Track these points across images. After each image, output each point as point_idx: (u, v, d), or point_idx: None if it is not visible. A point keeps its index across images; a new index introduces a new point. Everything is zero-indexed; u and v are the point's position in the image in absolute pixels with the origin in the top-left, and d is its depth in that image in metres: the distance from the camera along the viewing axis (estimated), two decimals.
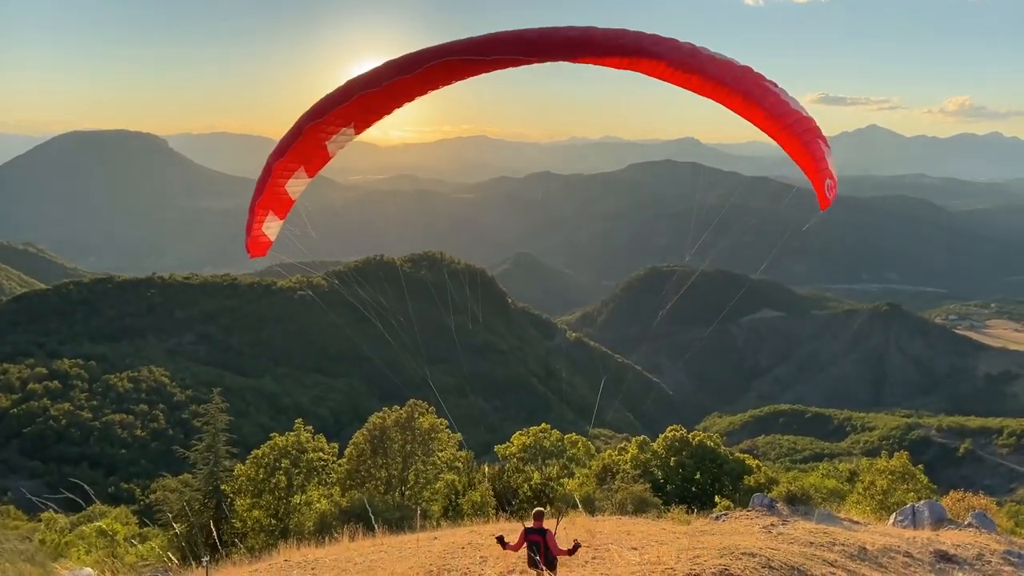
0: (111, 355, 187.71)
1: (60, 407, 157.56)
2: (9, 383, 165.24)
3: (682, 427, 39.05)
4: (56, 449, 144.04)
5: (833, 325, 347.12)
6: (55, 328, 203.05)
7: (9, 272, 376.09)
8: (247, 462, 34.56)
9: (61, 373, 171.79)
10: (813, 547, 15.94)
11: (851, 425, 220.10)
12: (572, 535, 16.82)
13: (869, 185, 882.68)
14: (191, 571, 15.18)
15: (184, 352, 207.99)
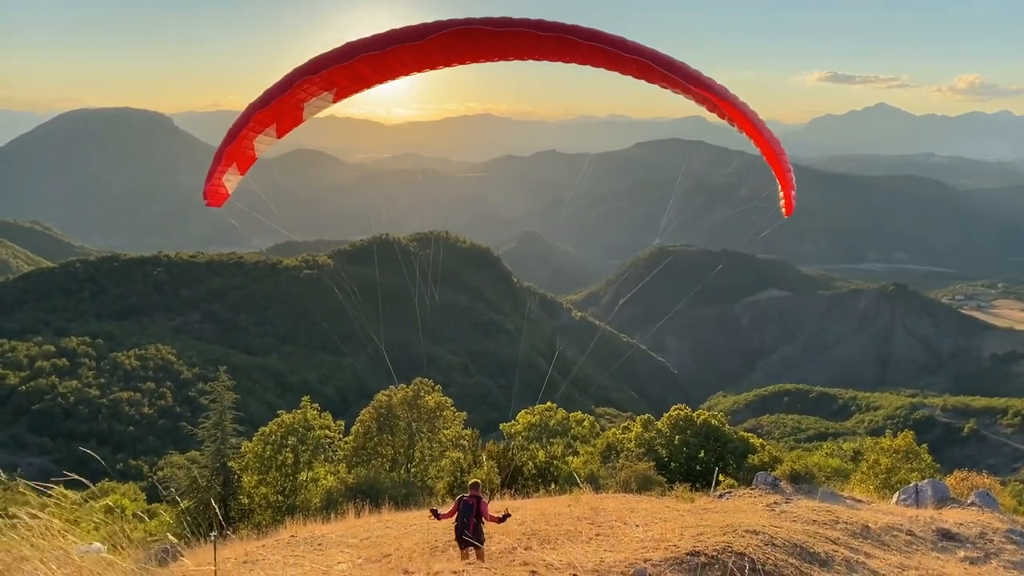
0: (118, 333, 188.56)
1: (68, 384, 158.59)
2: (17, 360, 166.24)
3: (686, 406, 39.18)
4: (64, 426, 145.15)
5: (839, 305, 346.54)
6: (62, 306, 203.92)
7: (16, 250, 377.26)
8: (254, 439, 34.82)
9: (69, 351, 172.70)
10: (816, 525, 16.01)
11: (856, 405, 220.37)
12: (577, 513, 16.95)
13: (877, 164, 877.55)
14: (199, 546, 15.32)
15: (190, 330, 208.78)
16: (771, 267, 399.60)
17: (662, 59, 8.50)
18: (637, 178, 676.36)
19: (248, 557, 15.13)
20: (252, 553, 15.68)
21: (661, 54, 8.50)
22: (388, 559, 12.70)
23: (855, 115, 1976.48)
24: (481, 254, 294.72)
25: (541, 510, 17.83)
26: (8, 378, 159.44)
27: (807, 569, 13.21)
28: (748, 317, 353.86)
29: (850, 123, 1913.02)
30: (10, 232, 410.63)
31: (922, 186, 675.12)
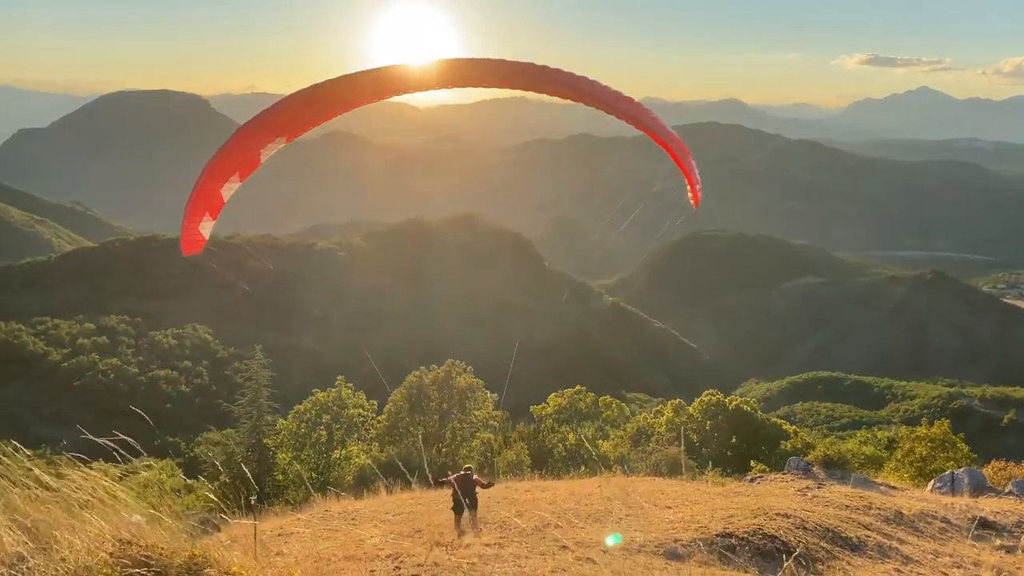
0: (156, 312, 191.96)
1: (108, 362, 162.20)
2: (60, 338, 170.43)
3: (719, 392, 38.99)
4: (104, 402, 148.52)
5: (875, 292, 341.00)
6: (103, 285, 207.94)
7: (58, 230, 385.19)
8: (289, 417, 35.37)
9: (109, 329, 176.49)
10: (848, 510, 15.91)
11: (891, 393, 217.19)
12: (607, 494, 17.01)
13: (918, 149, 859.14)
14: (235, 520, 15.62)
15: (226, 310, 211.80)
16: (806, 253, 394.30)
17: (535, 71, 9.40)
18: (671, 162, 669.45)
19: (283, 530, 15.43)
20: (287, 526, 15.99)
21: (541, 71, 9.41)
22: (420, 534, 12.88)
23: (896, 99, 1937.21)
24: (513, 238, 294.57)
25: (572, 490, 17.92)
26: (51, 355, 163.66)
27: (839, 553, 13.16)
28: (782, 303, 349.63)
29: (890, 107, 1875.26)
30: (52, 212, 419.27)
31: (964, 171, 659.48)
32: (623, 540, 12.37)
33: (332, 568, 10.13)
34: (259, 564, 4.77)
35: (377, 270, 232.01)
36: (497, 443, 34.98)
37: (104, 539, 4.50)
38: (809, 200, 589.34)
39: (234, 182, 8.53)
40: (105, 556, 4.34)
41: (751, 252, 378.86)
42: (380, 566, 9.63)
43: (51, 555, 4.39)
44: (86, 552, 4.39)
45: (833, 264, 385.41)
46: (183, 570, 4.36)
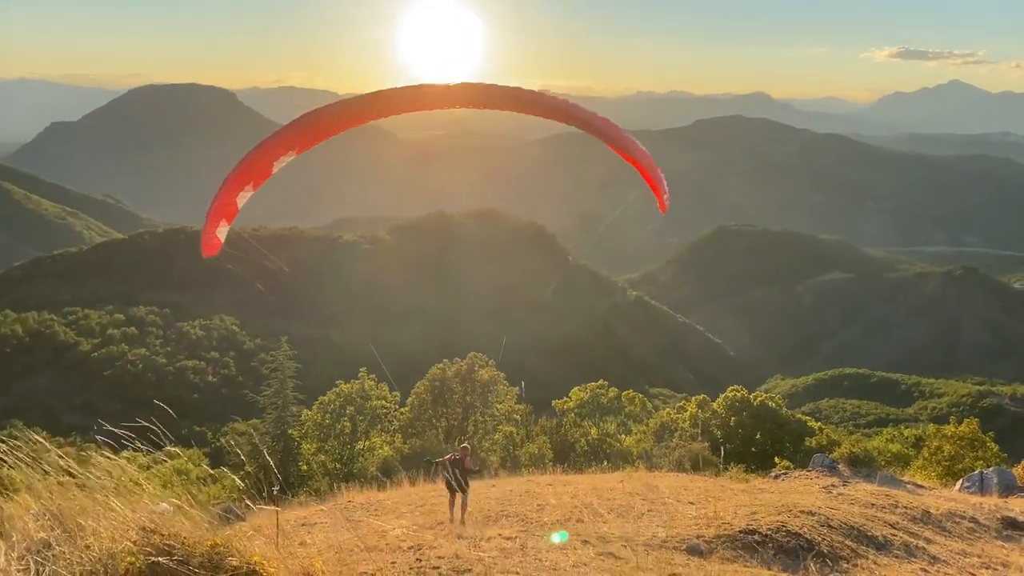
0: (184, 303, 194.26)
1: (137, 352, 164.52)
2: (90, 328, 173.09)
3: (743, 388, 38.70)
4: (133, 392, 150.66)
5: (904, 288, 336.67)
6: (132, 276, 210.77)
7: (89, 222, 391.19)
8: (314, 408, 35.66)
9: (137, 319, 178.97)
10: (874, 508, 15.74)
11: (919, 391, 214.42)
12: (629, 489, 16.97)
13: (949, 143, 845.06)
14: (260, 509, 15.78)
15: (253, 302, 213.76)
16: (833, 248, 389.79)
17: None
18: (698, 156, 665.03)
19: (307, 520, 15.56)
20: (311, 516, 16.13)
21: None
22: (442, 526, 12.93)
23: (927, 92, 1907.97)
24: (536, 232, 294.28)
25: (594, 485, 17.90)
26: (81, 345, 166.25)
27: (864, 551, 13.02)
28: (808, 299, 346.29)
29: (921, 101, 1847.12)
30: (83, 204, 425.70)
31: (996, 166, 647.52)
32: (646, 535, 12.32)
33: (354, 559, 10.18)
34: (281, 554, 4.81)
35: (401, 264, 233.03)
36: (519, 436, 35.01)
37: (128, 527, 4.56)
38: (837, 195, 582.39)
39: (248, 191, 9.71)
40: (129, 544, 4.39)
41: (777, 247, 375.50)
42: (401, 558, 9.67)
43: (76, 542, 4.45)
44: (110, 540, 4.45)
45: (861, 259, 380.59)
46: (205, 559, 4.40)
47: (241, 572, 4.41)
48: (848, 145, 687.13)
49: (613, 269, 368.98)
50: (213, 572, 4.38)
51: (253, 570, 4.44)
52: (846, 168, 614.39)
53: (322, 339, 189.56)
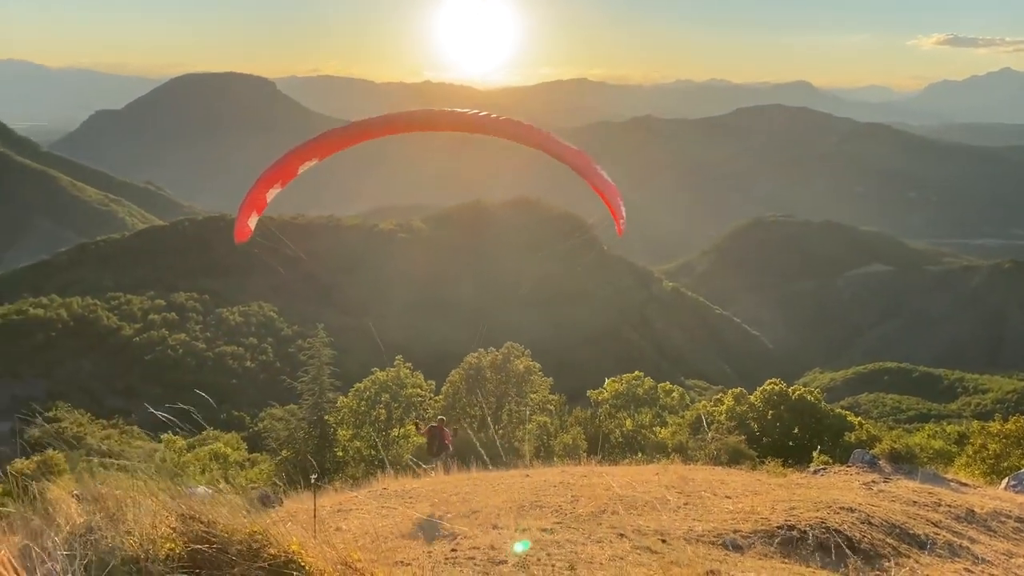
0: (223, 290, 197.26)
1: (177, 337, 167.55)
2: (132, 313, 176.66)
3: (781, 381, 38.20)
4: (173, 376, 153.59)
5: (948, 282, 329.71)
6: (172, 263, 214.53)
7: (132, 209, 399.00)
8: (349, 395, 35.99)
9: (178, 305, 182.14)
10: (916, 506, 15.42)
11: (962, 386, 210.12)
12: (665, 481, 16.83)
13: (998, 133, 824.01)
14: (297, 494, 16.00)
15: (290, 289, 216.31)
16: (875, 240, 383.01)
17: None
18: (737, 145, 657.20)
19: (342, 506, 15.69)
20: (346, 503, 16.26)
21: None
22: (477, 515, 12.93)
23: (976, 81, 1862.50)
24: (572, 221, 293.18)
25: (628, 477, 17.78)
26: (123, 330, 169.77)
27: (906, 550, 12.76)
28: (849, 292, 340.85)
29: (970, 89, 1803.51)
30: (126, 191, 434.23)
31: None
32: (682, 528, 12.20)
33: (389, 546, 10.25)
34: (318, 544, 4.81)
35: (437, 252, 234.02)
36: (553, 427, 34.97)
37: (168, 513, 4.60)
38: (879, 185, 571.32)
39: (276, 188, 11.33)
40: (168, 530, 4.42)
41: (817, 238, 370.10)
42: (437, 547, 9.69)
43: (117, 527, 4.50)
44: (151, 526, 4.49)
45: (903, 252, 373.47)
46: (244, 547, 4.42)
47: (279, 561, 4.42)
48: (892, 134, 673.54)
49: (650, 259, 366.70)
50: (251, 560, 4.40)
51: (291, 559, 4.45)
52: (889, 158, 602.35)
53: (358, 327, 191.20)
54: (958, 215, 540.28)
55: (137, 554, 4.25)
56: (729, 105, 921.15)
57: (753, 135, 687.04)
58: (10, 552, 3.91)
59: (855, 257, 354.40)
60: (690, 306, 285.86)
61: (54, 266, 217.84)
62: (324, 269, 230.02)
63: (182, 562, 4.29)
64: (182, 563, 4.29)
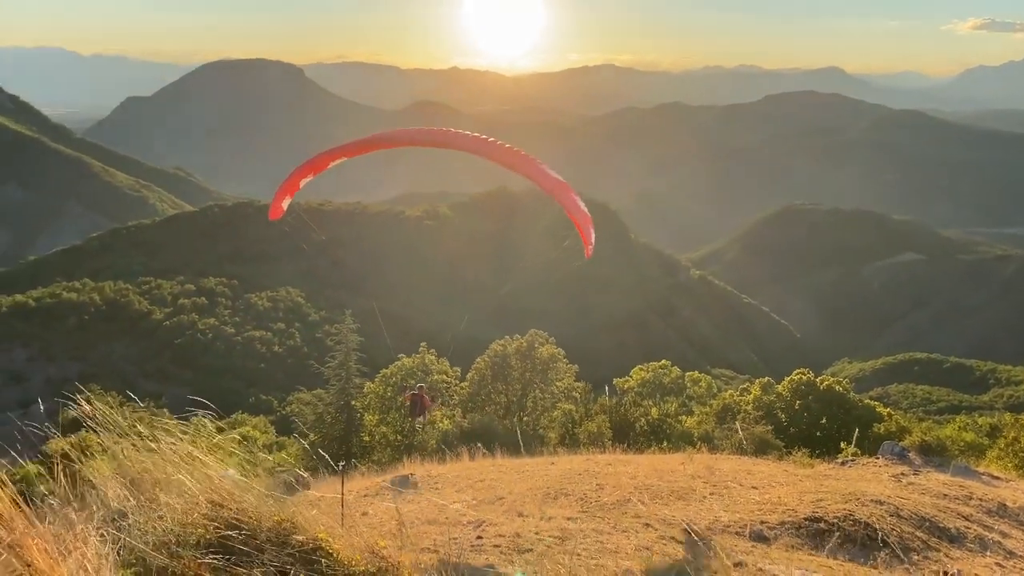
0: (252, 275, 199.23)
1: (206, 322, 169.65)
2: (162, 297, 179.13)
3: (809, 371, 37.84)
4: (203, 360, 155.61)
5: (981, 271, 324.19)
6: (202, 248, 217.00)
7: (162, 195, 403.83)
8: (376, 380, 36.23)
9: (207, 290, 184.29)
10: (947, 499, 15.22)
11: (995, 378, 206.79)
12: (691, 471, 16.77)
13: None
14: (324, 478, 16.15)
15: (318, 275, 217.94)
16: (906, 229, 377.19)
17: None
18: (766, 132, 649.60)
19: (368, 491, 15.82)
20: (372, 488, 16.39)
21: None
22: (502, 501, 12.96)
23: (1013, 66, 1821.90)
24: (598, 209, 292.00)
25: (654, 466, 17.72)
26: (154, 314, 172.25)
27: (936, 544, 12.61)
28: (878, 281, 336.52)
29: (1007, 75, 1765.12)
30: (156, 177, 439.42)
31: None
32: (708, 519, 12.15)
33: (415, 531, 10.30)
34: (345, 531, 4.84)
35: (463, 240, 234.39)
36: (578, 414, 34.95)
37: (199, 500, 4.65)
38: (912, 173, 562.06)
39: (308, 178, 13.13)
40: (199, 517, 4.48)
41: (846, 226, 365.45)
42: (462, 533, 9.73)
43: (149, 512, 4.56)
44: (182, 512, 4.55)
45: (935, 241, 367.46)
46: (272, 534, 4.46)
47: (306, 548, 4.46)
48: (925, 121, 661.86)
49: (677, 247, 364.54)
50: (280, 548, 4.44)
51: (318, 546, 4.49)
52: (922, 145, 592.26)
53: (384, 312, 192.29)
54: (992, 203, 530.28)
55: (168, 539, 4.31)
56: (759, 91, 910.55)
57: (783, 122, 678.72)
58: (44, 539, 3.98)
59: (886, 246, 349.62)
60: (717, 294, 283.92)
61: (86, 251, 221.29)
62: (351, 255, 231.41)
63: (212, 547, 4.34)
64: (212, 548, 4.34)
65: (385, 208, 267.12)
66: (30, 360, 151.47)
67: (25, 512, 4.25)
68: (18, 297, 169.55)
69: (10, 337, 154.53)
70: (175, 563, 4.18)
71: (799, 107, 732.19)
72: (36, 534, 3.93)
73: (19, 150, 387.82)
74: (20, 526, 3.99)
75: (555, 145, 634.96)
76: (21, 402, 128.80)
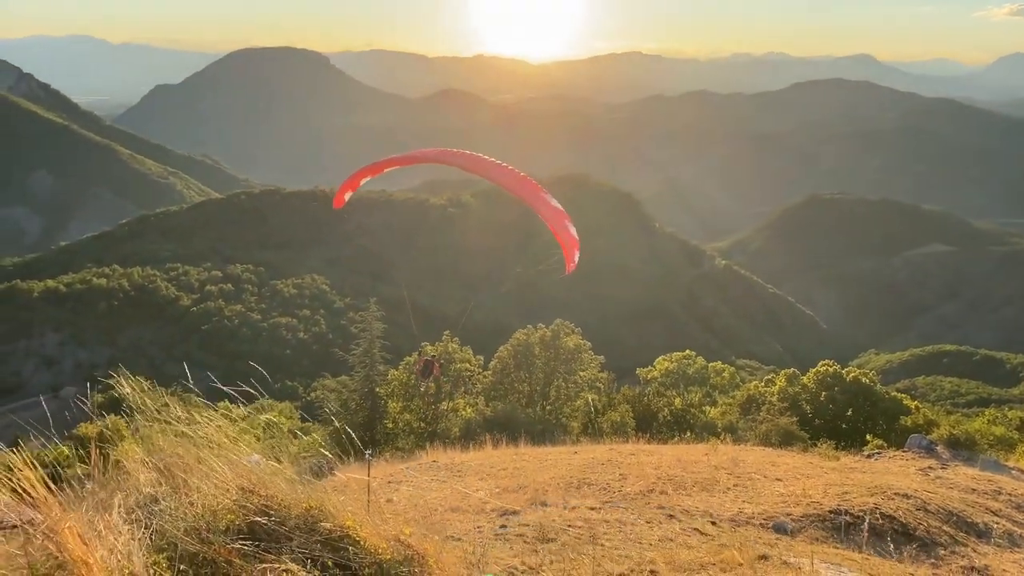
0: (278, 262, 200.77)
1: (233, 308, 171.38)
2: (190, 283, 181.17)
3: (835, 363, 37.45)
4: (229, 346, 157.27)
5: (1013, 263, 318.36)
6: (228, 235, 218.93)
7: (189, 182, 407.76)
8: (399, 368, 36.43)
9: (234, 277, 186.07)
10: (975, 494, 15.06)
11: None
12: (714, 462, 16.73)
13: None
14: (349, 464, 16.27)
15: (343, 262, 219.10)
16: (936, 219, 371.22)
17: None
18: (795, 121, 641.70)
19: (393, 478, 15.95)
20: (397, 474, 16.52)
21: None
22: (524, 490, 13.01)
23: None
24: (623, 198, 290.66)
25: (677, 456, 17.70)
26: (182, 300, 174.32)
27: (963, 539, 12.49)
28: (907, 272, 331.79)
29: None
30: (184, 164, 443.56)
31: None
32: (732, 511, 12.11)
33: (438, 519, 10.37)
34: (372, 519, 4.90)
35: (486, 228, 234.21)
36: (601, 404, 34.93)
37: (229, 485, 4.71)
38: (942, 163, 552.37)
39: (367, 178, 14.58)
40: (229, 503, 4.54)
41: (874, 216, 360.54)
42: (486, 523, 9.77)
43: (180, 498, 4.64)
44: (212, 497, 4.62)
45: (966, 231, 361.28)
46: (300, 521, 4.52)
47: (334, 535, 4.51)
48: (957, 109, 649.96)
49: (702, 237, 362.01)
50: (308, 534, 4.50)
51: (346, 533, 4.54)
52: (954, 134, 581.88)
53: (408, 300, 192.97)
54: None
55: (198, 524, 4.37)
56: (787, 79, 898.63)
57: (812, 110, 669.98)
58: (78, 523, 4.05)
59: (915, 236, 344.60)
60: (742, 284, 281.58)
61: (116, 237, 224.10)
62: (376, 243, 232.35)
63: (242, 534, 4.40)
64: (242, 534, 4.41)
65: (410, 196, 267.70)
66: (61, 344, 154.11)
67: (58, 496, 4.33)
68: (49, 282, 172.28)
69: (42, 322, 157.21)
70: (206, 549, 4.25)
71: (828, 95, 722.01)
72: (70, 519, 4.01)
73: (50, 138, 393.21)
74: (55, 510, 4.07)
75: (580, 132, 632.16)
76: (53, 385, 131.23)
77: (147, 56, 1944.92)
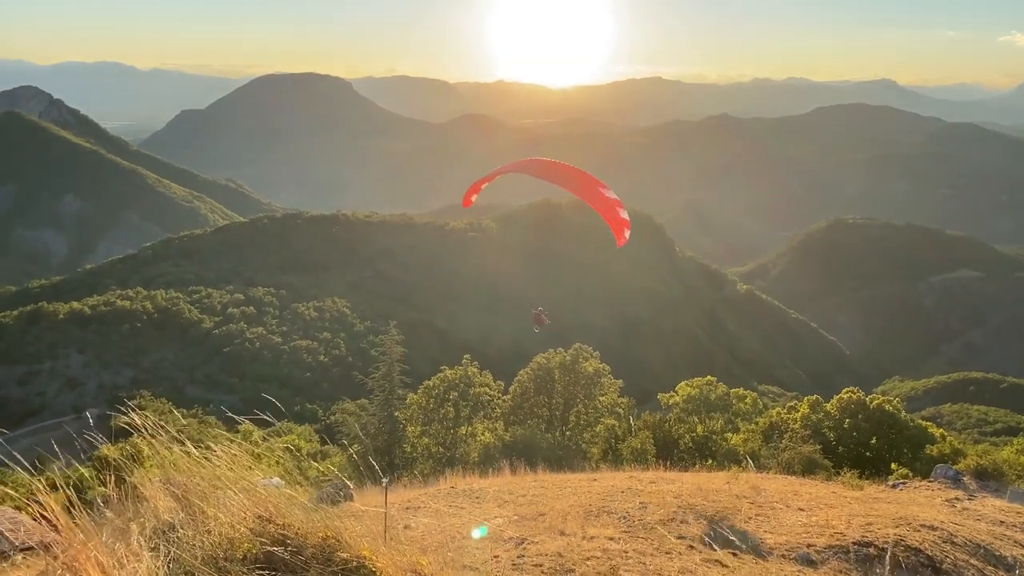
0: (299, 285, 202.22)
1: (255, 331, 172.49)
2: (212, 306, 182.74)
3: (859, 390, 36.98)
4: (251, 368, 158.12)
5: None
6: (251, 258, 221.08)
7: (213, 205, 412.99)
8: (419, 392, 36.44)
9: (256, 299, 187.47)
10: (1004, 527, 14.74)
11: None
12: (735, 490, 16.52)
13: None
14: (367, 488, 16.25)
15: (363, 286, 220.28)
16: (962, 244, 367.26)
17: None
18: (816, 145, 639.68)
19: (411, 503, 15.89)
20: (415, 500, 16.45)
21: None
22: (543, 518, 12.90)
23: None
24: (644, 221, 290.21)
25: (698, 485, 17.49)
26: (204, 322, 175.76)
27: (991, 572, 12.22)
28: (932, 298, 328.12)
29: None
30: (208, 188, 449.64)
31: None
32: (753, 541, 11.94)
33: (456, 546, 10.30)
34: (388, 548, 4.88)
35: (507, 252, 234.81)
36: (621, 430, 34.66)
37: (246, 514, 4.72)
38: (967, 188, 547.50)
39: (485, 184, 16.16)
40: (246, 531, 4.55)
41: (898, 241, 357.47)
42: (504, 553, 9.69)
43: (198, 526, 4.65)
44: (229, 526, 4.62)
45: (992, 257, 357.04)
46: (317, 551, 4.51)
47: (351, 566, 4.50)
48: (981, 134, 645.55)
49: (723, 261, 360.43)
50: (324, 564, 4.49)
51: (362, 564, 4.52)
52: (979, 159, 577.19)
53: (428, 324, 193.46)
54: None
55: (216, 553, 4.38)
56: (809, 104, 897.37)
57: (833, 134, 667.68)
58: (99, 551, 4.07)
59: (940, 262, 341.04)
60: (765, 309, 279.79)
61: (140, 259, 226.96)
62: (397, 267, 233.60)
63: (259, 563, 4.40)
64: (258, 564, 4.41)
65: (430, 220, 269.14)
66: (86, 366, 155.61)
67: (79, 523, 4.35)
68: (75, 304, 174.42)
69: (67, 343, 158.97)
70: None
71: (850, 119, 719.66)
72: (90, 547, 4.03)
73: (79, 162, 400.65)
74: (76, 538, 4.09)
75: (601, 157, 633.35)
76: (76, 406, 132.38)
77: (174, 81, 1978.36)
